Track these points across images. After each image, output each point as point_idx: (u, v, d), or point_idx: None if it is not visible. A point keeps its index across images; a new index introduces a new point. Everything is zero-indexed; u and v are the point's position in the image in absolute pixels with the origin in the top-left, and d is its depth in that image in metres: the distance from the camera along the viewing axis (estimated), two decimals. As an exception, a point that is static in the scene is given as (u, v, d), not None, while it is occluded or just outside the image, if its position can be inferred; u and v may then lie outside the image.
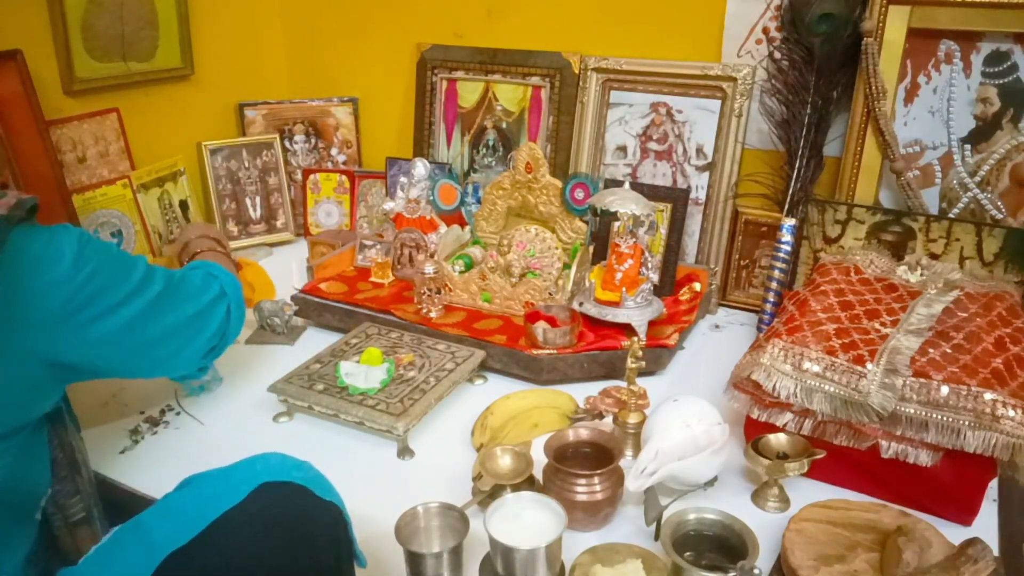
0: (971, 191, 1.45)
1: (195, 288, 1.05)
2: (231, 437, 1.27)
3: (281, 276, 1.85)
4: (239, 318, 1.12)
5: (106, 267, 0.89)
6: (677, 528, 0.96)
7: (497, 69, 1.90)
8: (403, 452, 1.22)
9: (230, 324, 1.10)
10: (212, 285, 1.08)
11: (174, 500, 0.88)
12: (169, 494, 0.90)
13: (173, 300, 0.99)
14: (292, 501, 0.85)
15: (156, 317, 0.96)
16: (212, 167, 1.99)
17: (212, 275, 1.10)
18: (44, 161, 1.54)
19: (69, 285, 0.84)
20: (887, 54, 1.45)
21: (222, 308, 1.08)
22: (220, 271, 1.12)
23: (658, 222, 1.56)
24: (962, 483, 1.05)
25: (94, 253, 0.88)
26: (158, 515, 0.86)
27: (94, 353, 0.90)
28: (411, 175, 1.70)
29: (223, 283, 1.10)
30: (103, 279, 0.88)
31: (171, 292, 0.99)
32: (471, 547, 0.97)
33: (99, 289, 0.87)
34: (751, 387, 1.13)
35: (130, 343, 0.94)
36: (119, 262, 0.93)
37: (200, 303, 1.04)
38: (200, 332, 1.04)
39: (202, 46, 1.95)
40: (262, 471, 0.87)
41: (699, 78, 1.67)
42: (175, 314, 1.00)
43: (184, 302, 1.01)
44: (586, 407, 1.31)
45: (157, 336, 0.97)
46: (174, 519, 0.83)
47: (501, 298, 1.55)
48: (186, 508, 0.84)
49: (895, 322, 1.16)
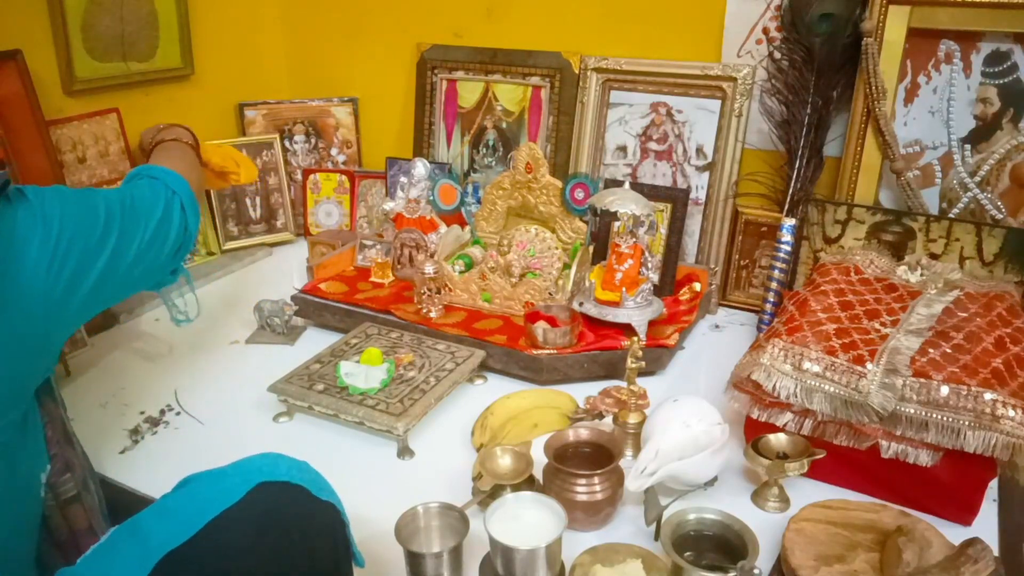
0: (971, 191, 1.45)
1: (147, 201, 1.05)
2: (231, 437, 1.27)
3: (281, 276, 1.85)
4: (194, 210, 1.12)
5: (70, 215, 0.90)
6: (677, 528, 0.96)
7: (497, 69, 1.90)
8: (403, 452, 1.22)
9: (188, 218, 1.10)
10: (159, 189, 1.08)
11: (170, 500, 0.88)
12: (166, 495, 0.90)
13: (135, 223, 1.00)
14: (289, 501, 0.84)
15: (127, 246, 0.98)
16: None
17: (153, 178, 1.10)
18: (44, 161, 1.54)
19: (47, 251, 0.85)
20: (887, 54, 1.45)
21: (176, 207, 1.09)
22: (159, 171, 1.12)
23: (658, 222, 1.56)
24: (962, 483, 1.05)
25: (53, 206, 0.88)
26: (154, 515, 0.85)
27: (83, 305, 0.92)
28: (411, 175, 1.70)
29: (167, 182, 1.10)
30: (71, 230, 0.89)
31: (130, 216, 1.00)
32: (471, 547, 0.97)
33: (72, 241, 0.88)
34: (751, 387, 1.13)
35: (111, 280, 0.95)
36: (79, 205, 0.93)
37: (157, 213, 1.05)
38: (166, 238, 1.06)
39: (202, 46, 1.95)
40: (259, 471, 0.86)
41: (699, 78, 1.67)
42: (141, 234, 1.01)
43: (144, 219, 1.02)
44: (586, 407, 1.31)
45: (131, 261, 0.99)
46: (170, 519, 0.83)
47: (501, 298, 1.55)
48: (182, 508, 0.84)
49: (895, 322, 1.16)
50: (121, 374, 1.47)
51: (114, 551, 0.84)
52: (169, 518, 0.83)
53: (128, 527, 0.85)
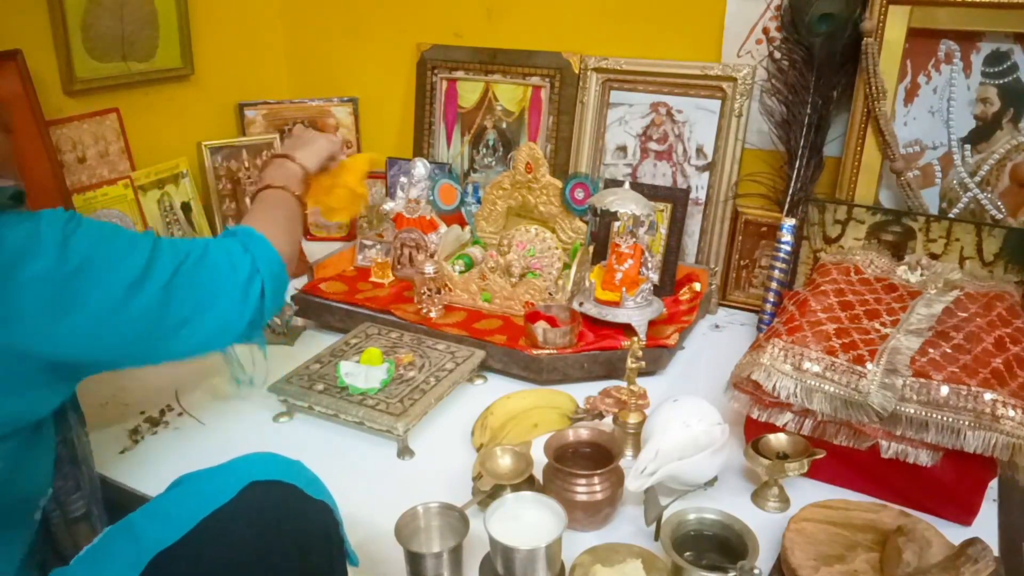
0: (971, 191, 1.45)
1: (219, 270, 0.91)
2: (231, 437, 1.27)
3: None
4: (276, 293, 0.97)
5: (99, 253, 0.80)
6: (677, 528, 0.96)
7: (497, 69, 1.90)
8: (403, 452, 1.22)
9: (265, 303, 0.95)
10: (241, 263, 0.93)
11: (163, 500, 0.87)
12: (159, 495, 0.89)
13: (189, 285, 0.87)
14: (281, 499, 0.84)
15: (167, 305, 0.85)
16: (212, 167, 1.99)
17: (244, 247, 0.95)
18: (44, 161, 1.53)
19: (55, 278, 0.77)
20: (887, 54, 1.45)
21: (255, 290, 0.94)
22: (255, 241, 0.97)
23: (658, 222, 1.56)
24: (962, 483, 1.05)
25: (84, 238, 0.79)
26: (147, 515, 0.85)
27: (99, 349, 0.83)
28: (411, 175, 1.70)
29: (255, 256, 0.95)
30: (96, 268, 0.79)
31: (186, 276, 0.87)
32: (471, 547, 0.97)
33: (92, 280, 0.79)
34: (751, 387, 1.13)
35: (140, 335, 0.85)
36: (116, 246, 0.83)
37: (224, 287, 0.91)
38: (229, 315, 0.92)
39: (202, 46, 1.95)
40: (251, 470, 0.86)
41: (699, 78, 1.67)
42: (192, 301, 0.87)
43: (204, 287, 0.89)
44: (586, 407, 1.31)
45: (172, 326, 0.86)
46: (162, 518, 0.82)
47: (501, 298, 1.55)
48: (174, 507, 0.83)
49: (895, 322, 1.16)
50: (121, 374, 1.47)
51: (107, 550, 0.84)
52: (161, 517, 0.83)
53: (121, 527, 0.85)
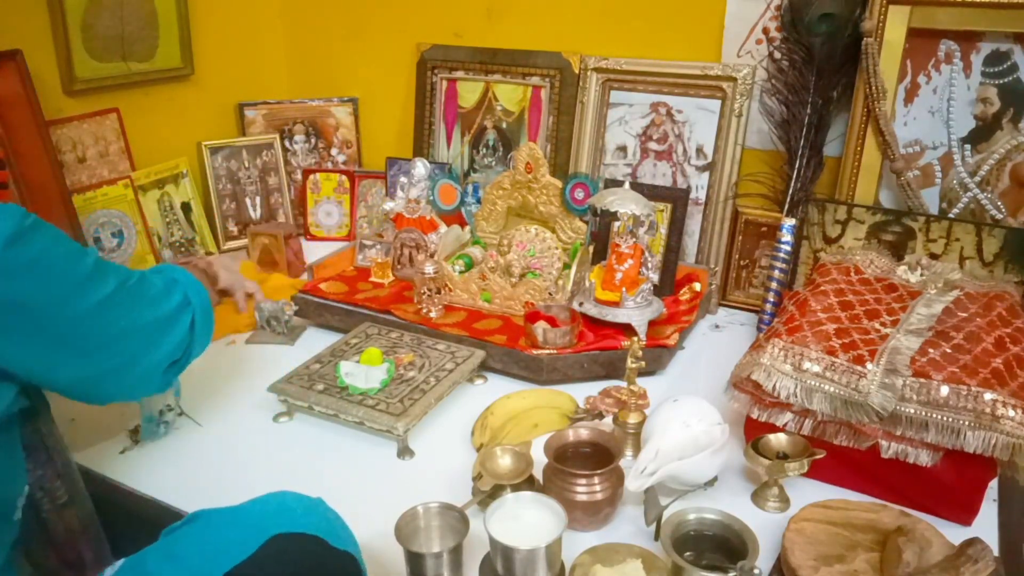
0: (971, 191, 1.45)
1: (155, 292, 0.95)
2: (231, 437, 1.27)
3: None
4: (205, 330, 1.02)
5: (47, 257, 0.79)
6: (677, 528, 0.96)
7: (497, 69, 1.90)
8: (403, 452, 1.22)
9: (195, 337, 0.99)
10: (174, 291, 0.98)
11: (180, 543, 0.83)
12: (175, 531, 0.86)
13: (128, 303, 0.89)
14: (305, 556, 0.80)
15: (105, 320, 0.86)
16: (212, 167, 1.99)
17: (175, 280, 1.00)
18: (44, 161, 1.54)
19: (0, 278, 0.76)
20: (887, 54, 1.45)
21: (186, 319, 0.97)
22: (184, 276, 1.02)
23: (658, 222, 1.56)
24: (962, 483, 1.05)
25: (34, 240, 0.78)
26: (163, 559, 0.82)
27: (32, 358, 0.81)
28: (411, 175, 1.70)
29: (187, 290, 1.00)
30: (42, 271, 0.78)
31: (125, 293, 0.88)
32: (471, 547, 0.97)
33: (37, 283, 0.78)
34: (751, 387, 1.13)
35: (73, 348, 0.84)
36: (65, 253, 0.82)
37: (159, 310, 0.94)
38: (158, 344, 0.93)
39: (202, 46, 1.95)
40: (274, 519, 0.82)
41: (699, 78, 1.67)
42: (129, 319, 0.89)
43: (141, 307, 0.91)
44: (586, 407, 1.31)
45: (106, 341, 0.87)
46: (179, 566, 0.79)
47: (501, 298, 1.55)
48: (192, 555, 0.80)
49: (895, 322, 1.16)
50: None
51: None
52: (178, 564, 0.80)
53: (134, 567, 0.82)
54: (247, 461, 1.21)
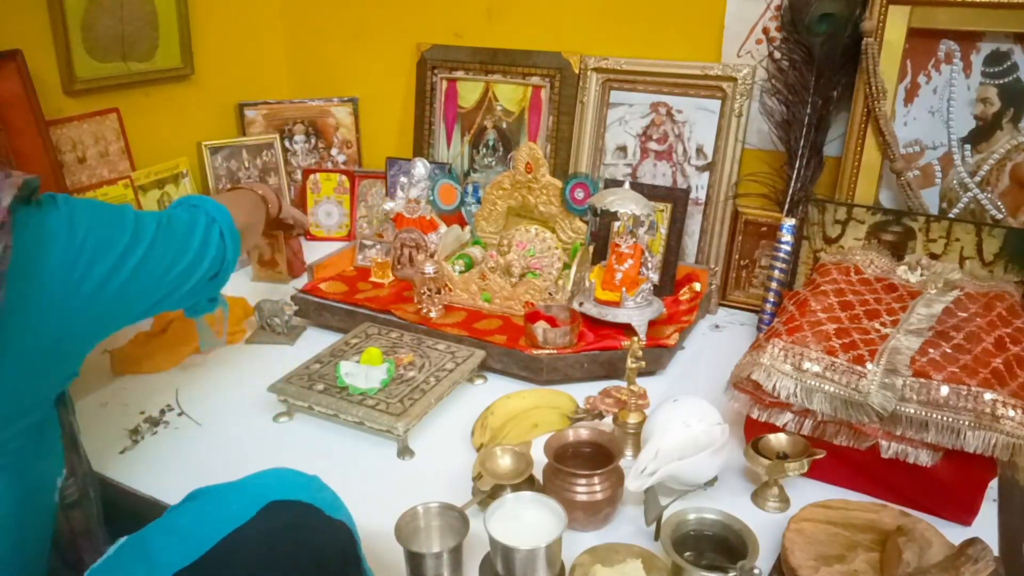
0: (971, 191, 1.45)
1: (184, 223, 1.03)
2: (231, 437, 1.27)
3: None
4: (234, 240, 1.09)
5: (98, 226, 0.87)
6: (677, 528, 0.96)
7: (497, 69, 1.90)
8: (403, 452, 1.22)
9: (227, 247, 1.08)
10: (199, 216, 1.06)
11: (178, 517, 0.85)
12: (174, 508, 0.88)
13: (168, 241, 0.97)
14: (300, 521, 0.83)
15: (156, 261, 0.94)
16: (212, 167, 1.99)
17: (194, 205, 1.09)
18: (44, 161, 1.53)
19: (70, 258, 0.83)
20: (887, 54, 1.45)
21: (215, 234, 1.06)
22: (199, 199, 1.10)
23: (658, 222, 1.56)
24: (962, 483, 1.05)
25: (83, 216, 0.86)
26: (162, 533, 0.84)
27: (106, 315, 0.89)
28: (411, 175, 1.70)
29: (207, 209, 1.08)
30: (97, 239, 0.86)
31: (164, 233, 0.97)
32: (471, 547, 0.97)
33: (96, 251, 0.86)
34: (751, 387, 1.13)
35: (136, 294, 0.93)
36: (109, 217, 0.90)
37: (194, 236, 1.02)
38: (199, 263, 1.02)
39: (202, 46, 1.95)
40: (269, 489, 0.84)
41: (699, 78, 1.67)
42: (173, 253, 0.98)
43: (179, 239, 1.00)
44: (586, 407, 1.31)
45: (159, 279, 0.96)
46: (178, 537, 0.81)
47: (501, 298, 1.55)
48: (190, 527, 0.82)
49: (895, 322, 1.16)
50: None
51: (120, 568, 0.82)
52: (177, 537, 0.81)
53: (135, 543, 0.84)
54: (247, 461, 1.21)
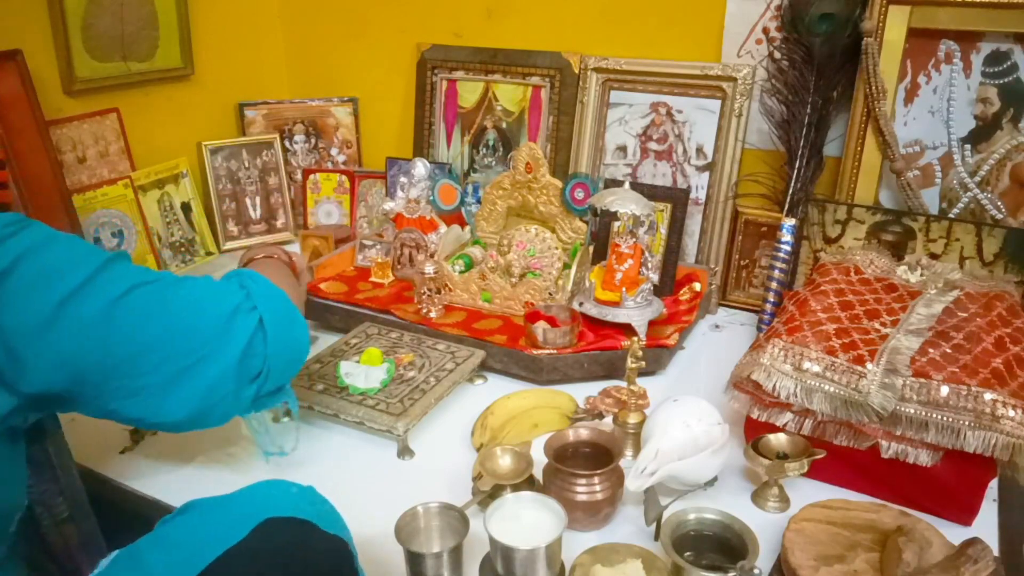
0: (971, 191, 1.45)
1: (200, 295, 0.84)
2: (231, 437, 1.27)
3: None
4: (281, 334, 0.89)
5: (40, 255, 0.74)
6: (677, 528, 0.96)
7: (497, 69, 1.90)
8: (403, 452, 1.22)
9: (268, 344, 0.87)
10: (232, 294, 0.87)
11: (172, 530, 0.83)
12: (167, 520, 0.86)
13: (147, 311, 0.80)
14: (296, 539, 0.80)
15: (115, 328, 0.78)
16: (212, 167, 1.99)
17: (241, 284, 0.89)
18: (44, 161, 1.54)
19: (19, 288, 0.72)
20: (887, 54, 1.45)
21: (247, 323, 0.86)
22: (255, 279, 0.91)
23: (658, 222, 1.56)
24: (962, 483, 1.05)
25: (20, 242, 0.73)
26: (156, 546, 0.81)
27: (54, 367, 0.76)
28: (411, 175, 1.70)
29: (252, 291, 0.88)
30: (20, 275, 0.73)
31: (144, 298, 0.80)
32: (471, 547, 0.97)
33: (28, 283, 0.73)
34: (751, 387, 1.13)
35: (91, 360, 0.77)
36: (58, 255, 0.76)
37: (208, 316, 0.83)
38: (215, 353, 0.83)
39: (202, 46, 1.95)
40: (265, 505, 0.82)
41: (699, 78, 1.67)
42: (155, 327, 0.80)
43: (175, 312, 0.82)
44: (586, 407, 1.31)
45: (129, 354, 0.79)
46: (173, 554, 0.79)
47: (501, 298, 1.55)
48: (185, 542, 0.80)
49: (895, 322, 1.16)
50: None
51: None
52: (171, 553, 0.79)
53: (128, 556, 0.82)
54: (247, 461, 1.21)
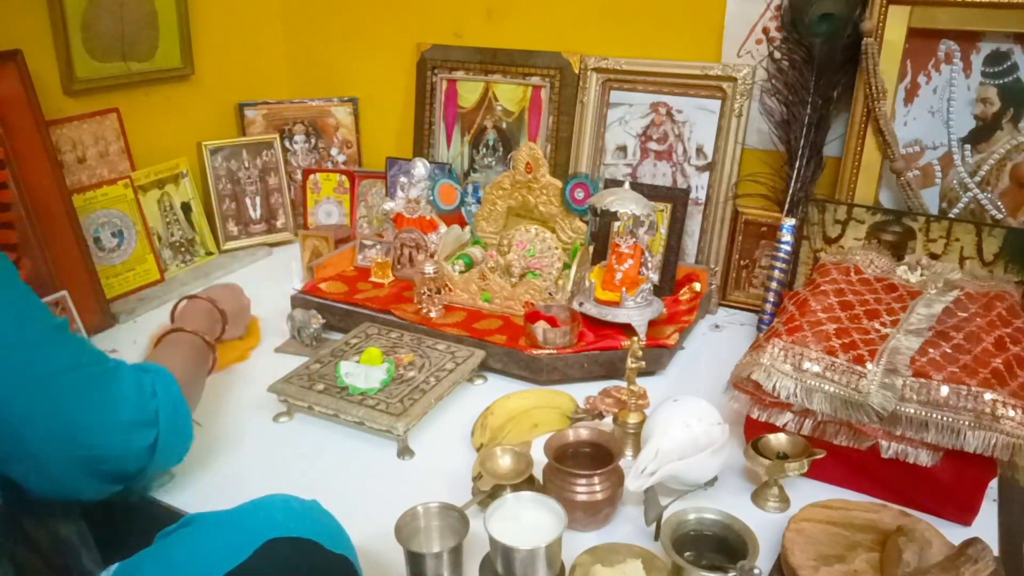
0: (971, 191, 1.45)
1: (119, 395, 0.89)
2: (231, 437, 1.27)
3: (281, 276, 1.85)
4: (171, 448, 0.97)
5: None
6: (677, 528, 0.96)
7: (497, 69, 1.90)
8: (403, 452, 1.22)
9: (155, 457, 0.94)
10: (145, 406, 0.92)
11: (173, 548, 0.83)
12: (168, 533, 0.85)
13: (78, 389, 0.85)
14: (299, 561, 0.80)
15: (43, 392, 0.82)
16: (212, 167, 1.99)
17: (154, 392, 0.95)
18: (44, 161, 1.53)
19: None
20: (887, 54, 1.45)
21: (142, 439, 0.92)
22: (165, 386, 0.97)
23: (658, 222, 1.56)
24: (962, 483, 1.05)
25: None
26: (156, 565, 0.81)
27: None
28: (411, 175, 1.70)
29: (160, 405, 0.94)
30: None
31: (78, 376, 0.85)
32: (471, 547, 0.97)
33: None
34: (751, 387, 1.13)
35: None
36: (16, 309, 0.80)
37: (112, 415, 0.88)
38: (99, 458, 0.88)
39: (202, 46, 1.95)
40: (268, 523, 0.81)
41: (699, 78, 1.67)
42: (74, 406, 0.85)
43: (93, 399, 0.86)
44: (586, 407, 1.31)
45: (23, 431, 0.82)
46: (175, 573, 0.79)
47: (501, 298, 1.55)
48: (186, 561, 0.79)
49: (895, 322, 1.16)
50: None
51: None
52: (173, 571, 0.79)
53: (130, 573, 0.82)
54: (247, 461, 1.21)
